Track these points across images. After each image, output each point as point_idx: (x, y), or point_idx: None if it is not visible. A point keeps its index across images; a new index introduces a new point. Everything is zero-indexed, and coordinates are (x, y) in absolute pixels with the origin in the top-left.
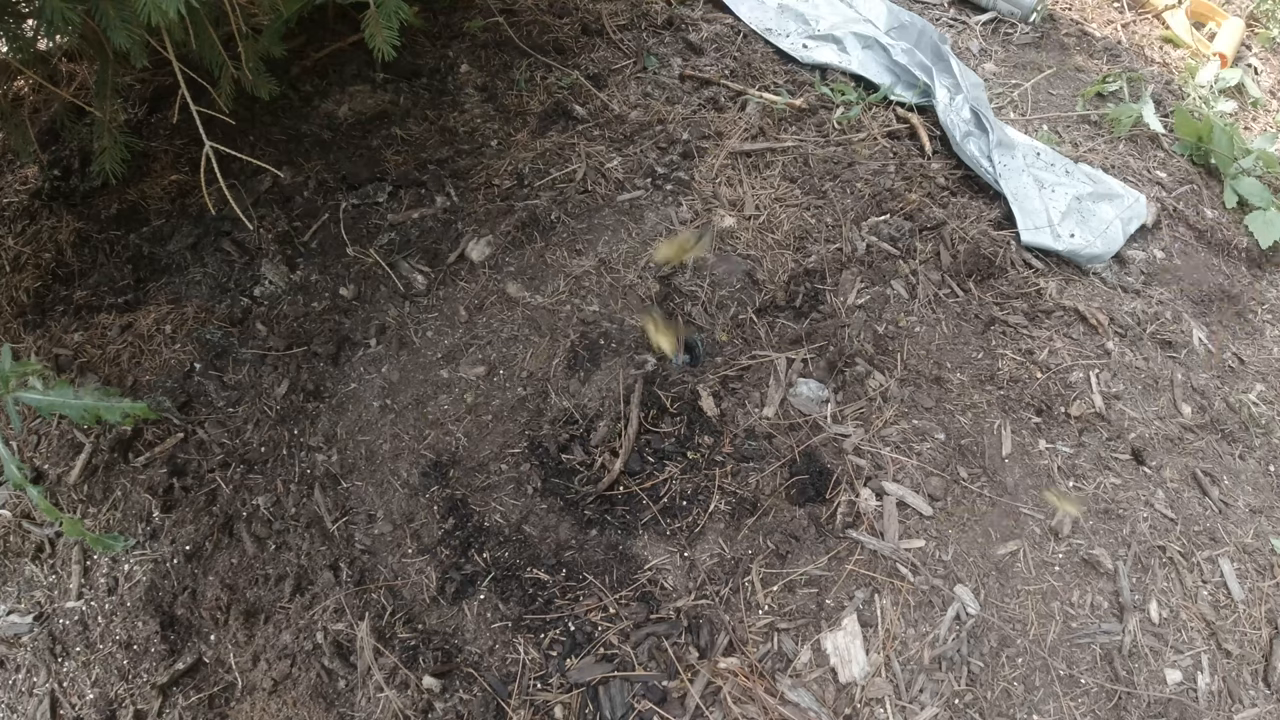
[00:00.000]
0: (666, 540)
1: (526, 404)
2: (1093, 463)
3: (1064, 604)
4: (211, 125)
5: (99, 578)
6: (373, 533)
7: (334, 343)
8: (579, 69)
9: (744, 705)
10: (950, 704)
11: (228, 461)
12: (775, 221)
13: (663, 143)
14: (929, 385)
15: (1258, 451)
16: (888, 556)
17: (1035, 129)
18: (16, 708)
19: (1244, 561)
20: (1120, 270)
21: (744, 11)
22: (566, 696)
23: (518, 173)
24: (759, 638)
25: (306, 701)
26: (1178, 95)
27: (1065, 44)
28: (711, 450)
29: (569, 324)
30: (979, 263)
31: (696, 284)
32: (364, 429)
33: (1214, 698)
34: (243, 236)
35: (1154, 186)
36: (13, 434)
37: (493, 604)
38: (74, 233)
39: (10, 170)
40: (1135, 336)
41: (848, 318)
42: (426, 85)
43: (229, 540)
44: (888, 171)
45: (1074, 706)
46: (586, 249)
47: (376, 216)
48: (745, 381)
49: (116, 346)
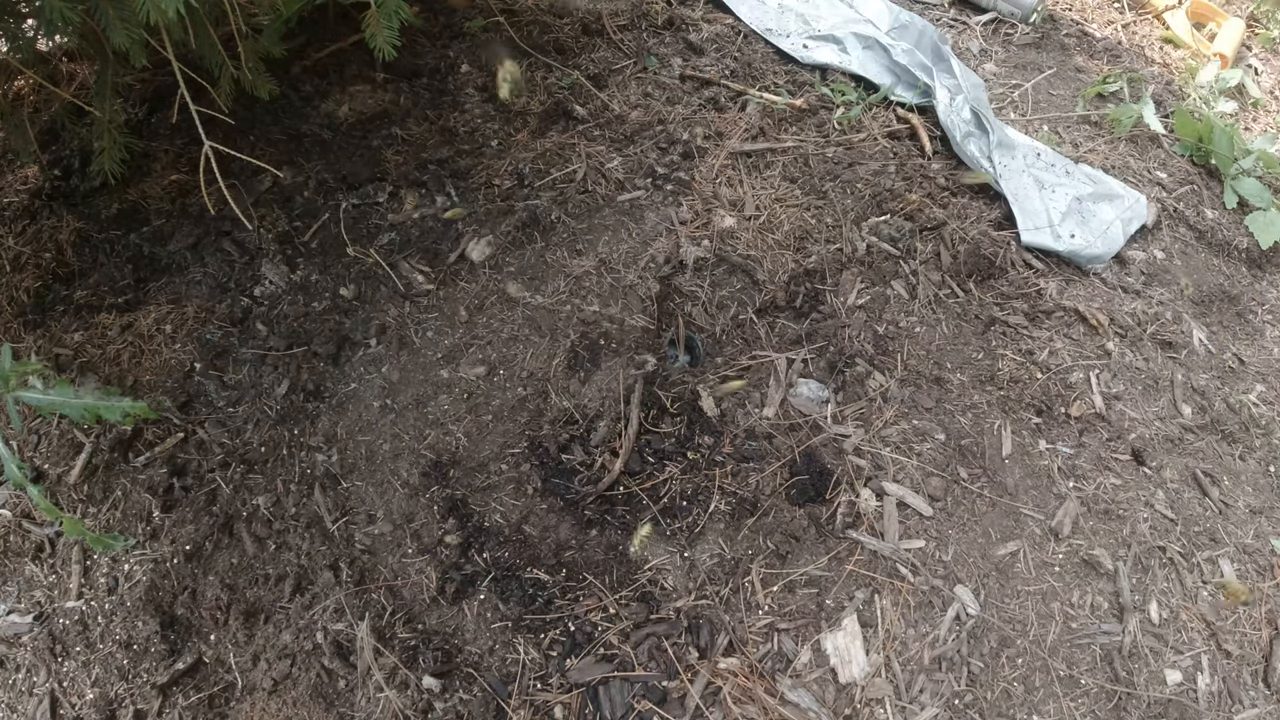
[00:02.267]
0: (666, 540)
1: (526, 404)
2: (1093, 463)
3: (1064, 604)
4: (211, 125)
5: (99, 577)
6: (373, 533)
7: (334, 343)
8: (579, 69)
9: (744, 705)
10: (950, 704)
11: (228, 461)
12: (775, 222)
13: (663, 143)
14: (929, 385)
15: (1258, 452)
16: (888, 557)
17: (1035, 129)
18: (16, 707)
19: (1244, 562)
20: (1120, 271)
21: (744, 12)
22: (566, 696)
23: (518, 173)
24: (759, 638)
25: (306, 701)
26: (1178, 96)
27: (1066, 44)
28: (711, 450)
29: (569, 324)
30: (979, 263)
31: (697, 284)
32: (364, 429)
33: (1214, 698)
34: (243, 236)
35: (1154, 187)
36: (13, 433)
37: (493, 604)
38: (74, 232)
39: (10, 170)
40: (1135, 337)
41: (848, 318)
42: (427, 85)
43: (229, 540)
44: (888, 172)
45: (1074, 707)
46: (587, 249)
47: (377, 216)
48: (745, 381)
49: (117, 346)
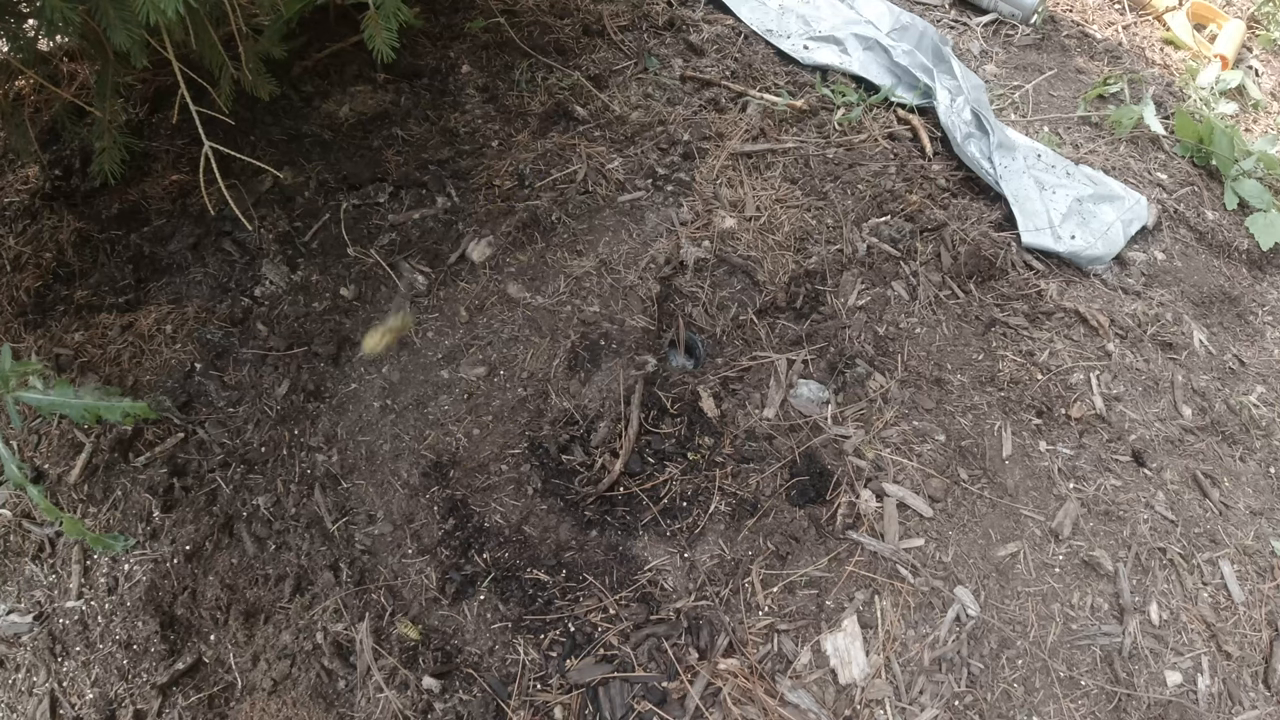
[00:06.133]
0: (666, 541)
1: (527, 405)
2: (1093, 464)
3: (1064, 605)
4: (212, 125)
5: (99, 577)
6: (373, 533)
7: (334, 343)
8: (580, 70)
9: (744, 706)
10: (950, 705)
11: (228, 461)
12: (776, 222)
13: (664, 144)
14: (929, 386)
15: (1258, 453)
16: (888, 558)
17: (1036, 130)
18: (16, 707)
19: (1244, 563)
20: (1121, 272)
21: (745, 13)
22: (566, 697)
23: (518, 173)
24: (759, 639)
25: (306, 702)
26: (1179, 97)
27: (1066, 46)
28: (712, 451)
29: (569, 325)
30: (980, 264)
31: (697, 285)
32: (364, 429)
33: (1214, 700)
34: (243, 237)
35: (1155, 188)
36: (13, 433)
37: (493, 604)
38: (75, 232)
39: (11, 170)
40: (1136, 338)
41: (848, 319)
42: (427, 86)
43: (229, 540)
44: (888, 173)
45: (1074, 708)
46: (587, 250)
47: (377, 217)
48: (745, 382)
49: (117, 346)
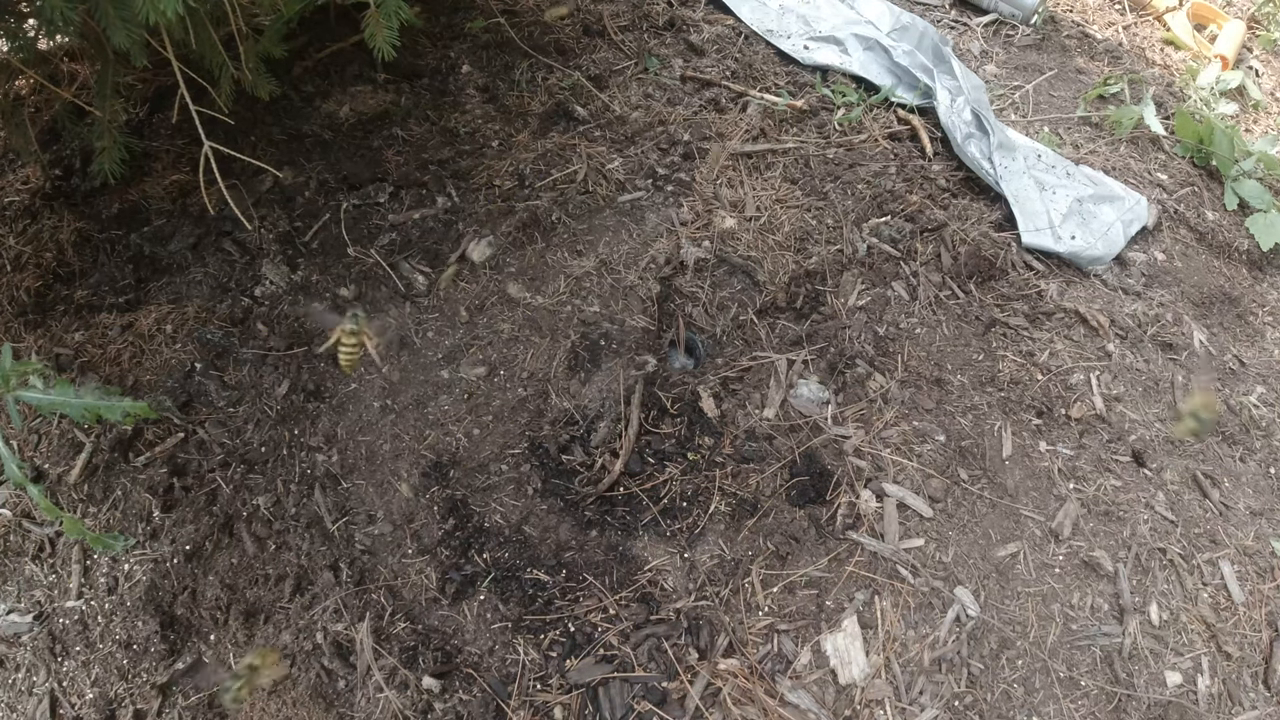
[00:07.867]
0: (666, 541)
1: (527, 405)
2: (1093, 465)
3: (1064, 606)
4: (212, 125)
5: (99, 577)
6: (373, 533)
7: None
8: (580, 70)
9: (744, 707)
10: (950, 706)
11: (228, 461)
12: (776, 223)
13: (664, 144)
14: (929, 387)
15: (1258, 454)
16: (888, 558)
17: (1036, 131)
18: (16, 707)
19: (1244, 564)
20: (1121, 272)
21: (745, 13)
22: (566, 697)
23: (519, 173)
24: (759, 639)
25: (306, 702)
26: (1179, 97)
27: (1066, 46)
28: (712, 451)
29: (569, 325)
30: (980, 264)
31: (697, 285)
32: (364, 429)
33: (1214, 700)
34: (243, 236)
35: (1155, 189)
36: (13, 433)
37: (493, 604)
38: (75, 232)
39: (11, 170)
40: (1136, 338)
41: (848, 319)
42: (428, 86)
43: (229, 540)
44: (889, 173)
45: (1074, 709)
46: (587, 250)
47: (377, 217)
48: (745, 383)
49: (117, 346)
